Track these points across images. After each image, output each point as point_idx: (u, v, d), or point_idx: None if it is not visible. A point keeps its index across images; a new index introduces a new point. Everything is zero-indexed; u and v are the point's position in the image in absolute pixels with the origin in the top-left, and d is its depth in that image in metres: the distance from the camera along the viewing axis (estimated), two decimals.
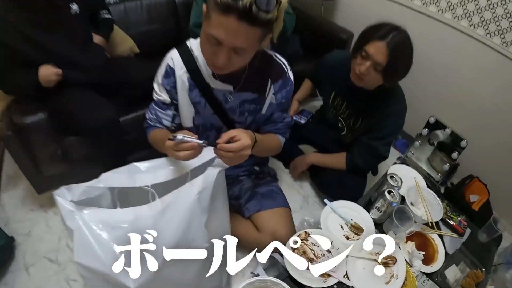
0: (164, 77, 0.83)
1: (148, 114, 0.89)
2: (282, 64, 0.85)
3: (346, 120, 1.23)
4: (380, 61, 0.94)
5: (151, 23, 1.43)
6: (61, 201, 0.72)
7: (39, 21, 0.96)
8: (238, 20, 0.61)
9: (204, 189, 0.70)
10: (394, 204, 0.85)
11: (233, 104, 0.85)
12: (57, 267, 1.06)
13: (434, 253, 0.90)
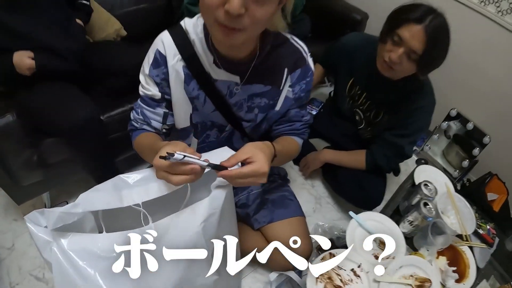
0: (153, 67, 0.66)
1: (133, 114, 0.73)
2: (301, 49, 0.69)
3: (365, 112, 1.09)
4: (415, 48, 0.81)
5: (139, 2, 1.23)
6: (34, 230, 0.59)
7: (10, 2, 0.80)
8: None
9: (210, 215, 0.56)
10: (430, 218, 0.73)
11: (240, 98, 0.69)
12: (44, 286, 0.95)
13: (465, 268, 0.80)
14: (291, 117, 0.75)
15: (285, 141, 0.74)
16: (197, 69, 0.65)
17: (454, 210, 0.87)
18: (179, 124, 0.75)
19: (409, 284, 0.68)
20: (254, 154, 0.54)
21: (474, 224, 0.86)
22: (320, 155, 1.18)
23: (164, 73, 0.67)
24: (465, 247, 0.82)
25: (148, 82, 0.68)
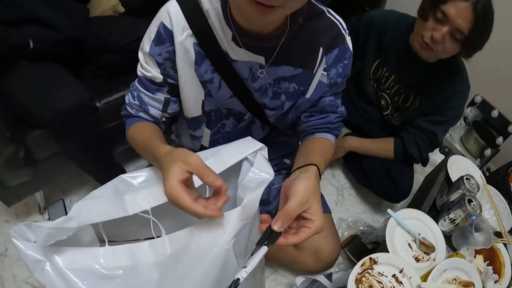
0: (155, 44, 0.54)
1: (128, 97, 0.61)
2: (339, 24, 0.57)
3: (392, 97, 0.99)
4: (461, 27, 0.74)
5: None
6: (22, 247, 0.49)
7: None
8: None
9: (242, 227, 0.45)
10: (474, 217, 0.64)
11: (265, 82, 0.58)
12: None
13: (500, 267, 0.74)
14: (325, 107, 0.63)
15: (322, 148, 0.62)
16: (212, 46, 0.53)
17: (491, 204, 0.79)
18: (188, 112, 0.63)
19: None
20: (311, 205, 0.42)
21: (511, 220, 0.79)
22: (344, 142, 1.07)
23: (169, 52, 0.55)
24: (500, 245, 0.76)
25: (148, 61, 0.56)
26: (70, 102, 0.69)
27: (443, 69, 0.87)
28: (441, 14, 0.76)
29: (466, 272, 0.64)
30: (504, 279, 0.73)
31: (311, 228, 0.42)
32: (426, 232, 0.69)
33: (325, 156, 0.59)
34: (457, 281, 0.63)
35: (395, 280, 0.60)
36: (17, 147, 0.76)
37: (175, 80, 0.58)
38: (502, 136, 1.25)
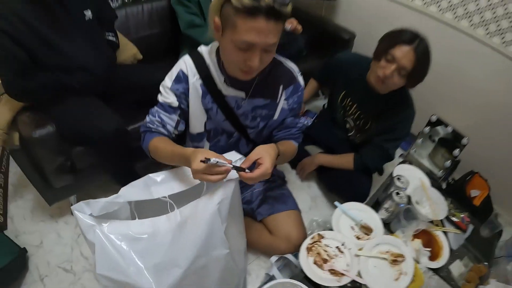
0: (175, 82, 0.84)
1: (149, 117, 0.87)
2: (292, 69, 0.89)
3: (355, 121, 1.28)
4: (406, 65, 0.98)
5: (152, 28, 1.45)
6: (80, 216, 0.75)
7: (56, 25, 0.99)
8: (266, 19, 0.65)
9: (223, 199, 0.74)
10: (402, 205, 0.91)
11: (245, 109, 0.89)
12: (72, 277, 1.11)
13: (439, 250, 0.96)
14: (288, 124, 0.94)
15: (285, 144, 0.93)
16: (212, 86, 0.85)
17: (428, 200, 1.04)
18: (195, 129, 0.93)
19: (384, 258, 0.85)
20: (263, 157, 0.72)
21: (445, 212, 1.03)
22: (314, 158, 1.36)
23: (185, 89, 0.85)
24: (439, 232, 0.99)
25: (168, 92, 0.85)
26: (111, 126, 1.00)
27: (393, 99, 1.12)
28: (390, 56, 1.00)
29: (398, 247, 0.88)
30: (441, 259, 0.93)
31: (261, 168, 0.71)
32: (367, 219, 0.95)
33: (285, 146, 0.89)
34: (389, 253, 0.87)
35: (338, 250, 0.85)
36: (65, 159, 1.06)
37: (185, 107, 0.88)
38: (459, 148, 1.53)
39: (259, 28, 0.66)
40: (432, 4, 1.47)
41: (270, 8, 0.64)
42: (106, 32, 1.20)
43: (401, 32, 1.01)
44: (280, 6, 0.65)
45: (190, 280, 0.77)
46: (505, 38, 1.28)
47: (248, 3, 0.63)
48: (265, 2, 0.63)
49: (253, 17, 0.65)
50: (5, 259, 1.03)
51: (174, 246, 0.75)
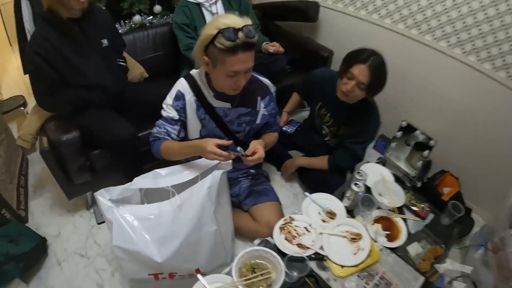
0: (175, 100, 1.09)
1: (156, 129, 1.12)
2: (266, 84, 1.16)
3: (330, 127, 1.50)
4: (363, 80, 1.20)
5: (156, 50, 1.72)
6: (102, 200, 0.98)
7: (78, 49, 1.23)
8: (243, 51, 0.91)
9: (212, 185, 0.97)
10: (360, 193, 1.12)
11: (232, 117, 1.14)
12: (87, 261, 1.31)
13: (398, 233, 1.13)
14: (271, 124, 1.23)
15: (269, 136, 1.23)
16: (203, 101, 1.10)
17: (387, 191, 1.25)
18: (192, 136, 1.17)
19: (344, 236, 1.06)
20: (258, 146, 1.02)
21: (402, 202, 1.22)
22: (295, 160, 1.59)
23: (183, 104, 1.10)
24: (399, 219, 1.16)
25: (170, 108, 1.10)
26: (126, 133, 1.24)
27: (359, 108, 1.32)
28: (350, 74, 1.21)
29: (356, 228, 1.08)
30: (399, 240, 1.10)
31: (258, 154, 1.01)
32: (332, 206, 1.16)
33: (269, 138, 1.21)
34: (349, 232, 1.07)
35: (306, 230, 1.06)
36: (86, 159, 1.29)
37: (184, 119, 1.12)
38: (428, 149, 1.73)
39: (242, 60, 0.92)
40: (400, 22, 1.70)
41: (244, 43, 0.89)
42: (118, 59, 1.44)
43: (358, 53, 1.24)
44: (250, 39, 0.90)
45: (185, 251, 0.98)
46: (465, 48, 1.48)
47: (229, 44, 0.89)
48: (240, 40, 0.89)
49: (235, 53, 0.90)
50: (29, 244, 1.25)
51: (175, 222, 0.97)
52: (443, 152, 1.71)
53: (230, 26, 0.89)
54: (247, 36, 0.89)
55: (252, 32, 0.91)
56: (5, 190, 1.36)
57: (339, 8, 1.96)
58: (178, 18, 1.63)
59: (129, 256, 0.98)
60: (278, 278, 0.88)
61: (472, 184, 1.59)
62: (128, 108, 1.42)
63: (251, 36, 0.90)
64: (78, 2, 1.14)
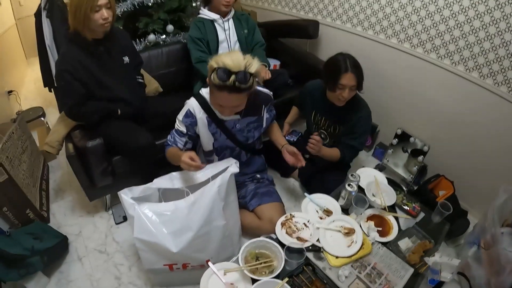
0: (185, 117, 1.28)
1: (169, 136, 1.33)
2: (267, 93, 1.36)
3: (327, 129, 1.68)
4: (353, 84, 1.41)
5: (169, 67, 1.94)
6: (125, 197, 1.17)
7: (103, 66, 1.42)
8: (229, 93, 1.07)
9: (221, 184, 1.15)
10: (353, 193, 1.29)
11: (241, 126, 1.33)
12: (106, 257, 1.48)
13: (389, 229, 1.27)
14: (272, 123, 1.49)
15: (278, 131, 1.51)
16: (214, 117, 1.28)
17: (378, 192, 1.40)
18: (206, 148, 1.37)
19: (339, 230, 1.22)
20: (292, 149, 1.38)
21: (393, 201, 1.36)
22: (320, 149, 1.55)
23: (191, 122, 1.27)
24: (391, 217, 1.31)
25: (180, 124, 1.29)
26: (145, 140, 1.41)
27: (349, 105, 1.50)
28: (340, 85, 1.41)
29: (350, 224, 1.22)
30: (390, 236, 1.21)
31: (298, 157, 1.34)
32: (329, 205, 1.31)
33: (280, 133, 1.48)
34: (343, 227, 1.22)
35: (305, 225, 1.22)
36: (108, 164, 1.49)
37: (193, 134, 1.30)
38: (423, 155, 1.87)
39: (226, 98, 1.09)
40: (393, 37, 1.88)
41: (232, 87, 1.05)
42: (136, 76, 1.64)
43: (335, 65, 1.41)
44: (240, 84, 1.05)
45: (197, 242, 1.15)
46: (453, 59, 1.65)
47: (217, 83, 1.05)
48: (229, 83, 1.04)
49: (221, 90, 1.07)
50: (53, 241, 1.42)
51: (188, 217, 1.15)
52: (438, 157, 1.88)
53: (227, 67, 1.04)
54: (238, 81, 1.04)
55: (244, 79, 1.04)
56: (29, 193, 1.54)
57: (337, 25, 2.17)
58: (193, 32, 1.85)
59: (148, 247, 1.15)
60: (279, 265, 1.04)
61: (467, 187, 1.73)
62: (146, 119, 1.61)
63: (242, 82, 1.04)
64: (102, 26, 1.33)
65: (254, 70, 1.08)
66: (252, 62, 1.08)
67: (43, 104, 2.69)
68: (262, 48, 2.02)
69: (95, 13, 1.30)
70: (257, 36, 2.02)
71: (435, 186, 1.78)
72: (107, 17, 1.32)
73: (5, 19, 2.96)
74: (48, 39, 2.23)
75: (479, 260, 1.27)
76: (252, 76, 1.08)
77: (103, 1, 1.30)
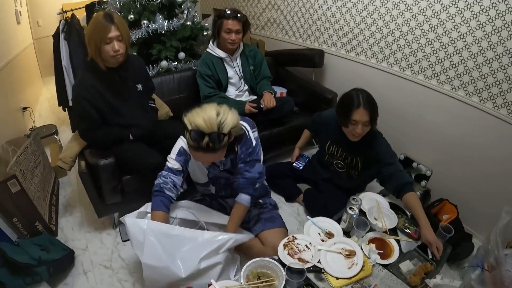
0: (177, 155, 1.36)
1: (162, 179, 1.34)
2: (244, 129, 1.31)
3: (344, 161, 1.73)
4: (366, 120, 1.45)
5: (180, 92, 2.10)
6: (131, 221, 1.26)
7: (118, 94, 1.53)
8: (204, 153, 1.13)
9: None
10: (354, 216, 1.37)
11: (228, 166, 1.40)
12: (111, 272, 1.55)
13: (390, 252, 1.33)
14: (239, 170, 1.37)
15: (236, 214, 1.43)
16: None
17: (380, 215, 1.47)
18: (201, 180, 1.45)
19: (340, 252, 1.28)
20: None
21: (393, 224, 1.43)
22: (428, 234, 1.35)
23: (185, 160, 1.35)
24: (392, 240, 1.37)
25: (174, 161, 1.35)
26: (155, 161, 1.52)
27: (367, 137, 1.53)
28: (353, 121, 1.44)
29: (351, 246, 1.29)
30: (392, 258, 1.27)
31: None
32: (331, 228, 1.39)
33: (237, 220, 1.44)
34: (344, 249, 1.28)
35: (306, 247, 1.29)
36: (118, 182, 1.61)
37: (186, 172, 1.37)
38: (426, 179, 1.94)
39: (201, 157, 1.16)
40: (395, 65, 2.03)
41: (205, 148, 1.10)
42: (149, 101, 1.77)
43: (349, 101, 1.47)
44: (214, 145, 1.10)
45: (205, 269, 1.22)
46: (454, 84, 1.73)
47: (192, 144, 1.12)
48: (202, 144, 1.09)
49: (196, 150, 1.14)
50: (60, 253, 1.51)
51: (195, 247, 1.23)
52: (442, 181, 1.95)
53: (200, 129, 1.09)
54: (212, 143, 1.09)
55: (218, 140, 1.10)
56: (39, 206, 1.65)
57: (341, 54, 2.35)
58: (202, 69, 2.02)
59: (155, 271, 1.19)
60: (279, 285, 1.11)
61: (471, 210, 1.77)
62: (157, 142, 1.71)
63: (216, 144, 1.10)
64: (113, 58, 1.42)
65: (228, 129, 1.13)
66: (226, 119, 1.13)
67: (57, 122, 2.88)
68: (267, 80, 2.20)
69: (106, 45, 1.38)
70: (264, 71, 2.20)
71: (439, 211, 1.82)
72: (118, 49, 1.40)
73: (23, 38, 3.21)
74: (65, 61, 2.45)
75: (483, 283, 1.30)
76: (226, 136, 1.13)
77: (113, 34, 1.37)
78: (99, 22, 1.38)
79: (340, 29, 2.30)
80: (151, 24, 2.08)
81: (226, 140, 1.14)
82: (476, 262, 1.40)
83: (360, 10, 2.12)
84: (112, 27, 1.38)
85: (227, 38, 1.96)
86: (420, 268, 1.27)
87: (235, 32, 1.95)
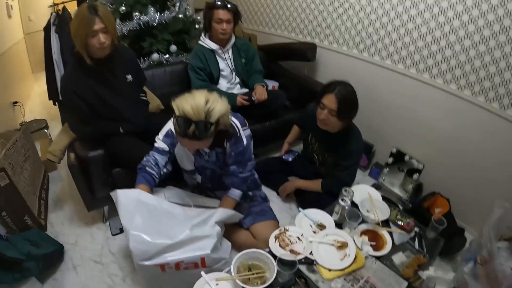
0: (165, 137, 1.36)
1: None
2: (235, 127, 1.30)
3: (318, 155, 1.77)
4: (332, 107, 1.46)
5: (172, 85, 2.06)
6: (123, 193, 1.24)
7: (107, 86, 1.50)
8: (190, 140, 1.11)
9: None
10: (346, 207, 1.35)
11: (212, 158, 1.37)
12: (101, 267, 1.51)
13: (383, 244, 1.32)
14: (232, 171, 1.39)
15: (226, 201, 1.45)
16: None
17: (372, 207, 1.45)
18: (187, 167, 1.43)
19: (332, 244, 1.26)
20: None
21: (387, 216, 1.41)
22: (294, 183, 1.82)
23: (172, 142, 1.34)
24: (385, 232, 1.35)
25: (161, 142, 1.35)
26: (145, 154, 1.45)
27: (341, 135, 1.57)
28: (322, 104, 1.48)
29: (343, 237, 1.27)
30: (384, 250, 1.26)
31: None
32: (323, 220, 1.37)
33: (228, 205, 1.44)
34: (336, 241, 1.27)
35: (298, 239, 1.27)
36: (108, 175, 1.56)
37: (173, 154, 1.36)
38: (418, 173, 1.92)
39: (187, 143, 1.15)
40: (387, 58, 2.00)
41: (192, 135, 1.08)
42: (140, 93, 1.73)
43: (328, 84, 1.50)
44: (200, 133, 1.08)
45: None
46: (446, 78, 1.74)
47: (178, 130, 1.10)
48: (188, 132, 1.07)
49: (182, 137, 1.12)
50: (49, 248, 1.47)
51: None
52: (434, 175, 1.94)
53: (187, 115, 1.06)
54: (198, 130, 1.07)
55: (204, 129, 1.07)
56: (28, 200, 1.60)
57: (334, 48, 2.33)
58: (193, 62, 1.98)
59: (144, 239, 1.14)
60: (270, 277, 1.09)
61: (463, 204, 1.77)
62: (148, 135, 1.63)
63: (202, 132, 1.08)
64: (100, 50, 1.39)
65: (215, 118, 1.10)
66: (214, 108, 1.09)
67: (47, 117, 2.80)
68: (260, 74, 2.17)
69: (92, 38, 1.36)
70: (255, 64, 2.17)
71: (431, 204, 1.82)
72: (104, 41, 1.38)
73: (14, 33, 3.13)
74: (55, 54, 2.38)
75: (476, 276, 1.30)
76: (213, 125, 1.10)
77: (98, 27, 1.35)
78: (83, 15, 1.35)
79: (332, 22, 2.27)
80: (142, 16, 2.03)
81: (213, 130, 1.12)
82: (469, 255, 1.40)
83: (352, 3, 2.09)
84: (97, 19, 1.35)
85: (218, 28, 1.93)
86: (413, 261, 1.27)
87: (226, 22, 1.92)
